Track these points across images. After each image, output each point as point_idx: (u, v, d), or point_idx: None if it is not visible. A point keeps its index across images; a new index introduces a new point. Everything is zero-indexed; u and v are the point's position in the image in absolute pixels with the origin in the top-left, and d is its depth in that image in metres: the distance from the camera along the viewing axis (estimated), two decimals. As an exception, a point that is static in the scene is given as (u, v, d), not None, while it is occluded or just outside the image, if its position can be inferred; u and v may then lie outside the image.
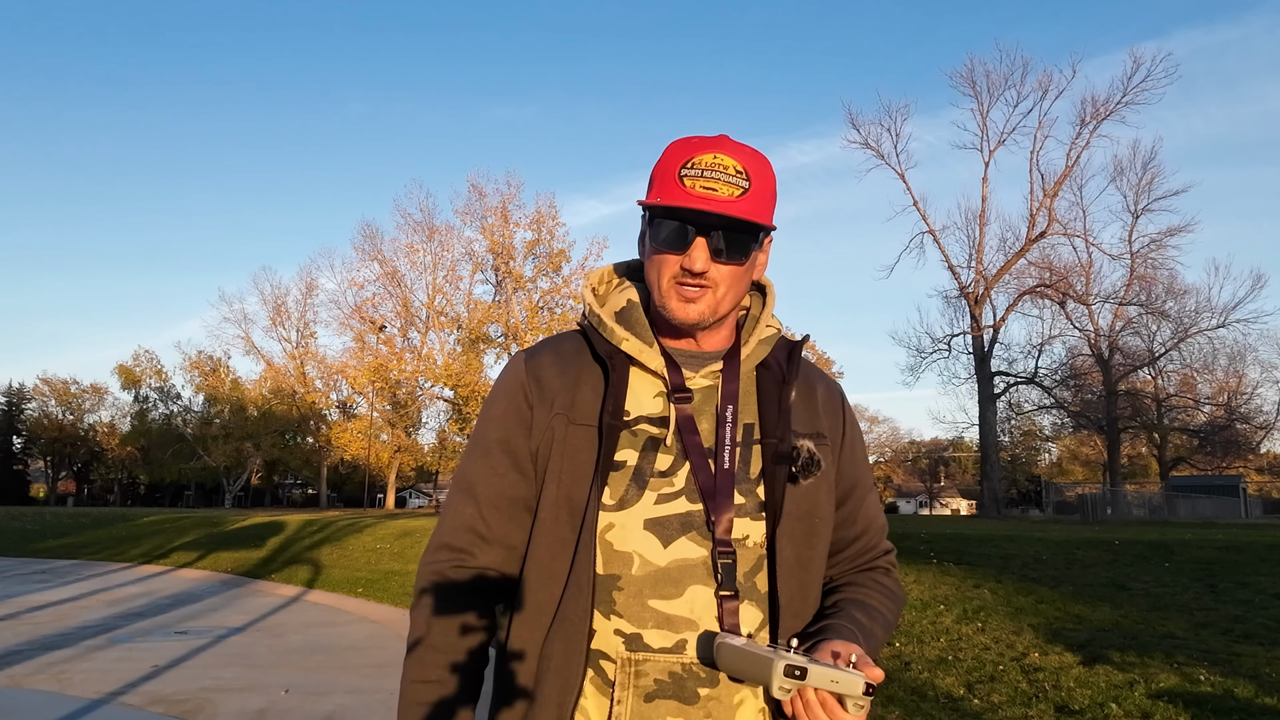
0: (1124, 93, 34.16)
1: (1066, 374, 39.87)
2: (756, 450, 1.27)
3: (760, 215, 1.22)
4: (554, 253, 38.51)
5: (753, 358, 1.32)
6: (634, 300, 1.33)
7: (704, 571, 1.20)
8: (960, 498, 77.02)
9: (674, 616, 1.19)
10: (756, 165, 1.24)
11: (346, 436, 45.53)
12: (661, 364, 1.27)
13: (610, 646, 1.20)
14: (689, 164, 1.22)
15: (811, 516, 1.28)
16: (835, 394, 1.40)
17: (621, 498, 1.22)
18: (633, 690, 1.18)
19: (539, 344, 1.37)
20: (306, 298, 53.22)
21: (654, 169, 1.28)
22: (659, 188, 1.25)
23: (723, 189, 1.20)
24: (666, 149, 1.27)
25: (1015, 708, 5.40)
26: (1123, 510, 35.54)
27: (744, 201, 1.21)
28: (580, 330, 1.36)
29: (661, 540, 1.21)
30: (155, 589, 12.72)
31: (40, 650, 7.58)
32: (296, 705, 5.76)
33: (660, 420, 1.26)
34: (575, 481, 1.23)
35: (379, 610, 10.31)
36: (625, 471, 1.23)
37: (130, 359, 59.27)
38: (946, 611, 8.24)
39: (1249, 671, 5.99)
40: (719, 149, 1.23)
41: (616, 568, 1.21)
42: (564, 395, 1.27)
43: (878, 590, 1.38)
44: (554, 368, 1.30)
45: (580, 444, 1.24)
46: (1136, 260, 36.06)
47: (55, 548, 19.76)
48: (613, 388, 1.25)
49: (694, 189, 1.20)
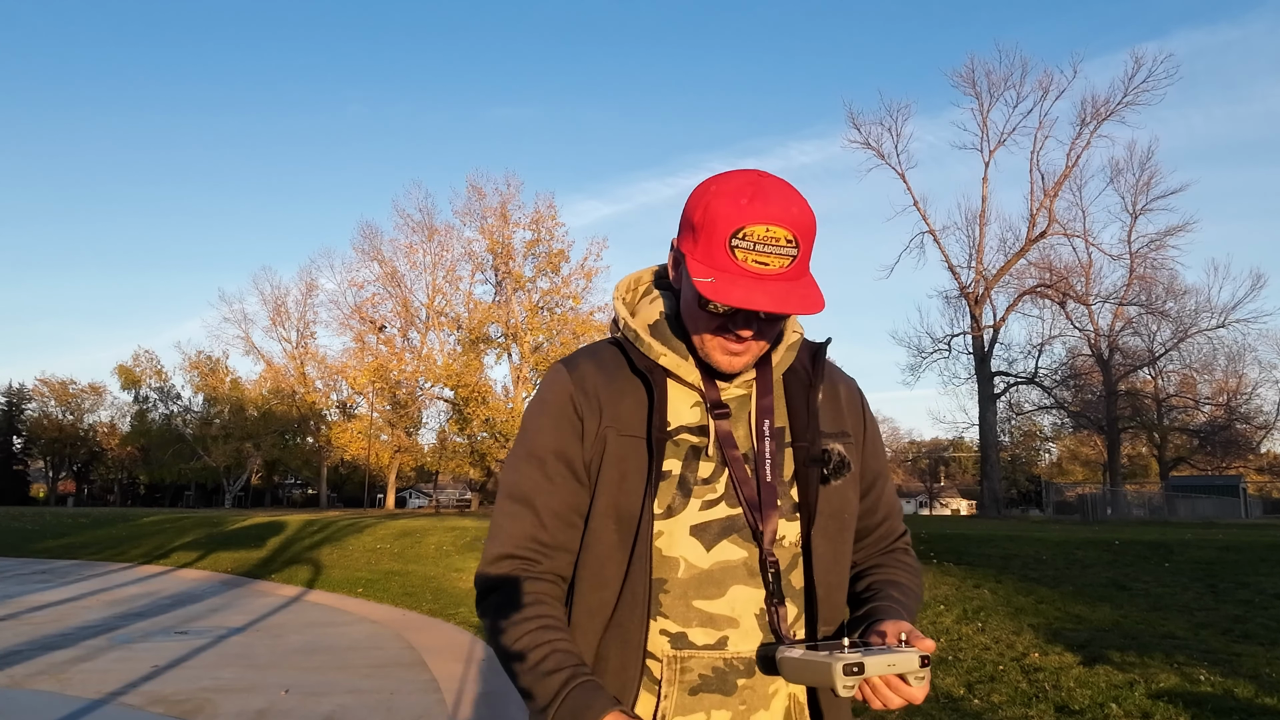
0: (1125, 93, 34.22)
1: (1066, 374, 39.89)
2: (788, 453, 1.32)
3: (805, 279, 1.22)
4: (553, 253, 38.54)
5: (781, 364, 1.36)
6: (665, 312, 1.35)
7: (745, 572, 1.26)
8: (960, 498, 77.01)
9: (716, 615, 1.25)
10: (803, 225, 1.20)
11: (346, 437, 45.53)
12: (698, 377, 1.30)
13: (657, 646, 1.25)
14: (740, 234, 1.18)
15: (842, 513, 1.34)
16: (856, 392, 1.46)
17: (669, 506, 1.26)
18: (678, 685, 1.24)
19: (576, 355, 1.38)
20: (306, 298, 53.34)
21: (697, 218, 1.22)
22: (705, 250, 1.21)
23: (774, 263, 1.18)
24: (711, 198, 1.21)
25: (1015, 708, 5.40)
26: (1123, 510, 35.54)
27: (793, 269, 1.20)
28: (614, 341, 1.37)
29: (705, 544, 1.26)
30: (155, 589, 12.72)
31: (40, 650, 7.58)
32: (296, 705, 5.76)
33: (699, 429, 1.29)
34: (625, 491, 1.26)
35: (379, 610, 10.31)
36: (671, 481, 1.27)
37: (130, 359, 59.40)
38: (946, 611, 8.25)
39: (1249, 671, 5.99)
40: (770, 219, 1.18)
41: (664, 572, 1.26)
42: (610, 407, 1.30)
43: (903, 569, 1.46)
44: (597, 378, 1.32)
45: (628, 455, 1.27)
46: (1136, 260, 36.09)
47: (55, 548, 19.76)
48: (657, 402, 1.28)
49: (746, 263, 1.18)
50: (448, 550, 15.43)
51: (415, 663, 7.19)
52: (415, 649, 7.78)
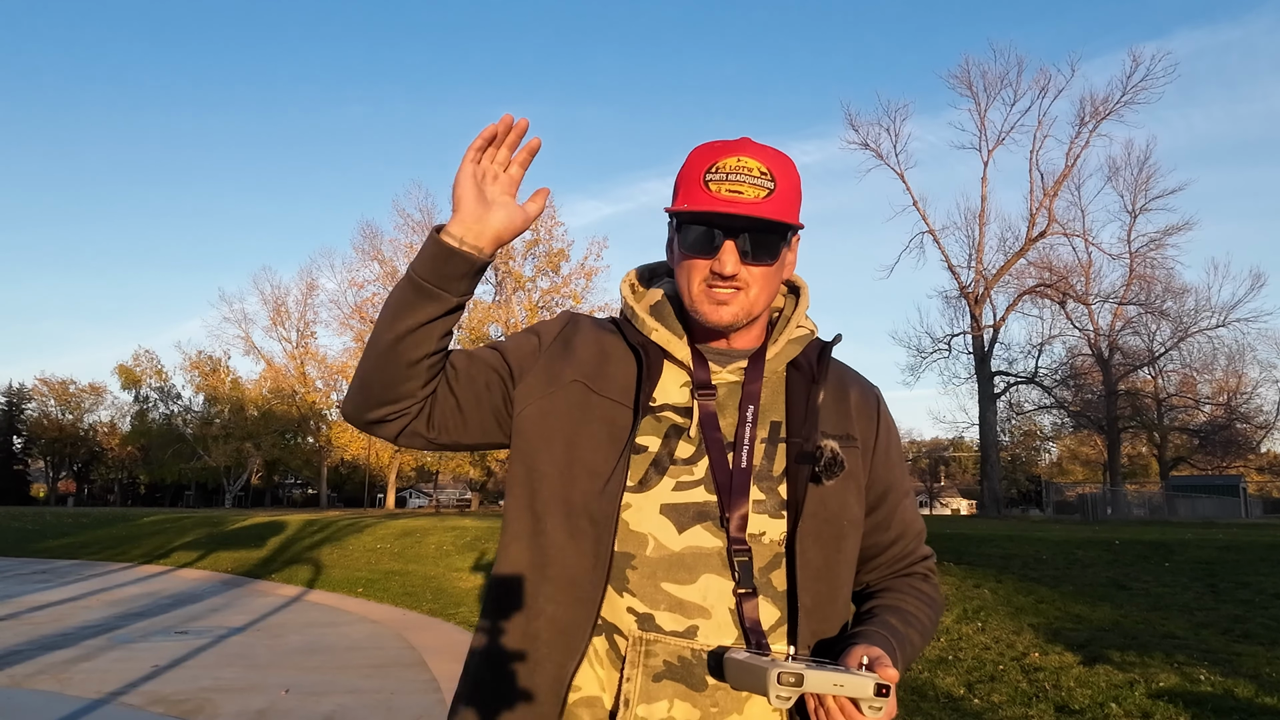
0: (1124, 92, 34.14)
1: (1066, 374, 39.84)
2: (782, 448, 1.28)
3: (787, 215, 1.24)
4: (553, 252, 38.53)
5: (782, 356, 1.33)
6: (666, 295, 1.36)
7: (718, 562, 1.22)
8: (960, 497, 76.99)
9: (686, 601, 1.20)
10: (780, 165, 1.25)
11: (346, 436, 45.51)
12: (688, 355, 1.30)
13: (624, 623, 1.21)
14: (713, 168, 1.23)
15: (839, 519, 1.28)
16: (871, 397, 1.41)
17: (641, 479, 1.24)
18: (642, 669, 1.19)
19: (584, 315, 1.42)
20: (306, 298, 53.26)
21: (678, 176, 1.29)
22: (684, 194, 1.26)
23: (748, 191, 1.21)
24: (690, 155, 1.28)
25: (1015, 707, 5.40)
26: (1123, 510, 35.53)
27: (770, 202, 1.22)
28: (615, 320, 1.40)
29: (676, 526, 1.23)
30: (155, 589, 12.72)
31: (40, 650, 7.58)
32: (296, 705, 5.76)
33: (685, 410, 1.28)
34: (596, 450, 1.24)
35: (379, 610, 10.31)
36: (646, 455, 1.25)
37: (130, 359, 59.23)
38: (946, 611, 8.25)
39: (1249, 671, 6.00)
40: (742, 152, 1.24)
41: (631, 547, 1.22)
42: (590, 364, 1.31)
43: (914, 595, 1.39)
44: (589, 335, 1.36)
45: (603, 416, 1.26)
46: (1136, 260, 36.06)
47: (55, 548, 19.76)
48: (647, 373, 1.27)
49: (719, 193, 1.21)
50: (448, 550, 15.42)
51: (415, 663, 7.19)
52: (415, 649, 7.78)
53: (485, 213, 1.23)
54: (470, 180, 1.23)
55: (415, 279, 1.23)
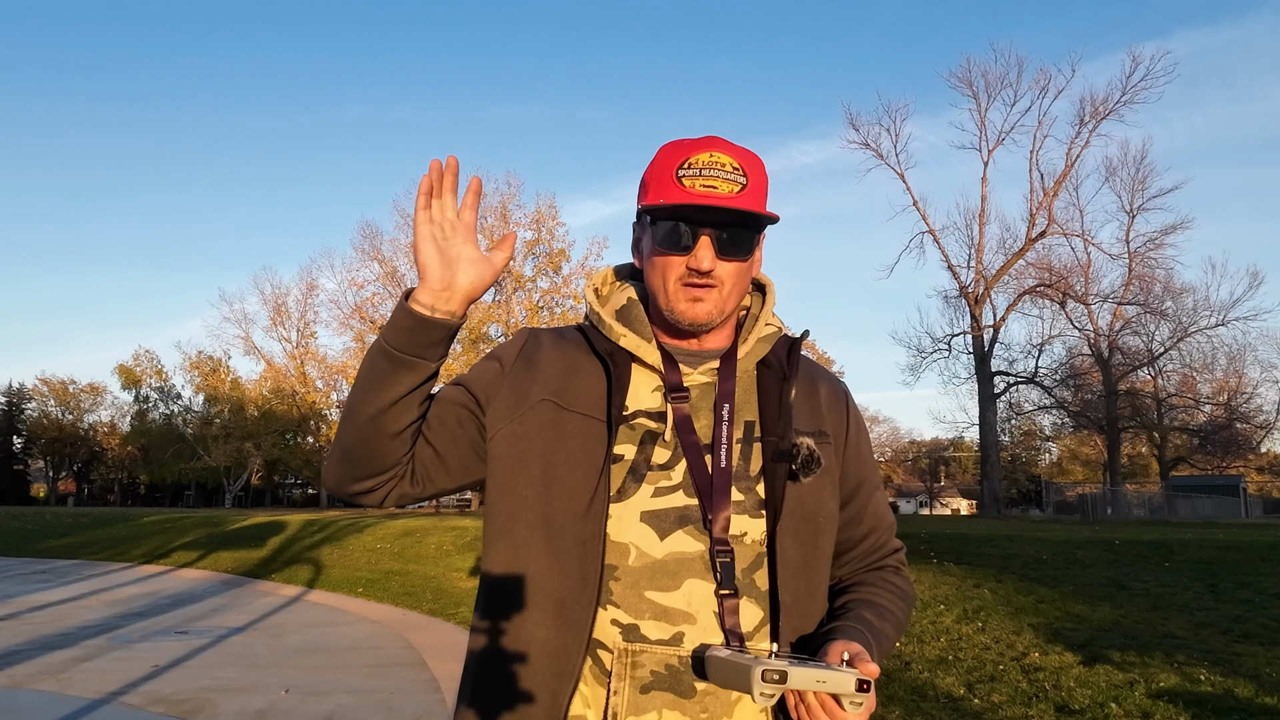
0: (1123, 92, 34.15)
1: (1066, 374, 39.84)
2: (757, 448, 1.27)
3: (760, 209, 1.24)
4: (554, 252, 38.57)
5: (752, 355, 1.32)
6: (633, 298, 1.34)
7: (701, 566, 1.20)
8: (960, 497, 76.96)
9: (671, 609, 1.19)
10: (751, 162, 1.25)
11: (347, 436, 45.52)
12: (659, 359, 1.28)
13: (608, 637, 1.19)
14: (686, 164, 1.23)
15: (816, 516, 1.27)
16: (839, 392, 1.40)
17: (620, 489, 1.22)
18: (629, 681, 1.17)
19: (544, 329, 1.39)
20: (307, 298, 53.24)
21: (646, 173, 1.29)
22: (656, 189, 1.25)
23: (722, 186, 1.21)
24: (659, 152, 1.28)
25: (1015, 707, 5.40)
26: (1123, 510, 35.52)
27: (743, 197, 1.22)
28: (580, 327, 1.38)
29: (658, 533, 1.21)
30: (156, 589, 12.72)
31: (40, 650, 7.58)
32: (296, 705, 5.76)
33: (658, 415, 1.27)
34: (573, 468, 1.22)
35: (379, 610, 10.31)
36: (623, 465, 1.23)
37: (130, 359, 59.27)
38: (946, 611, 8.25)
39: (1249, 671, 6.00)
40: (713, 148, 1.24)
41: (614, 558, 1.21)
42: (557, 380, 1.28)
43: (887, 589, 1.40)
44: (553, 352, 1.32)
45: (577, 433, 1.24)
46: (1135, 260, 36.07)
47: (55, 548, 19.76)
48: (617, 383, 1.25)
49: (694, 188, 1.21)
50: (448, 550, 15.42)
51: (415, 663, 7.19)
52: (415, 649, 7.78)
53: (452, 276, 1.20)
54: (429, 243, 1.19)
55: (390, 350, 1.20)
